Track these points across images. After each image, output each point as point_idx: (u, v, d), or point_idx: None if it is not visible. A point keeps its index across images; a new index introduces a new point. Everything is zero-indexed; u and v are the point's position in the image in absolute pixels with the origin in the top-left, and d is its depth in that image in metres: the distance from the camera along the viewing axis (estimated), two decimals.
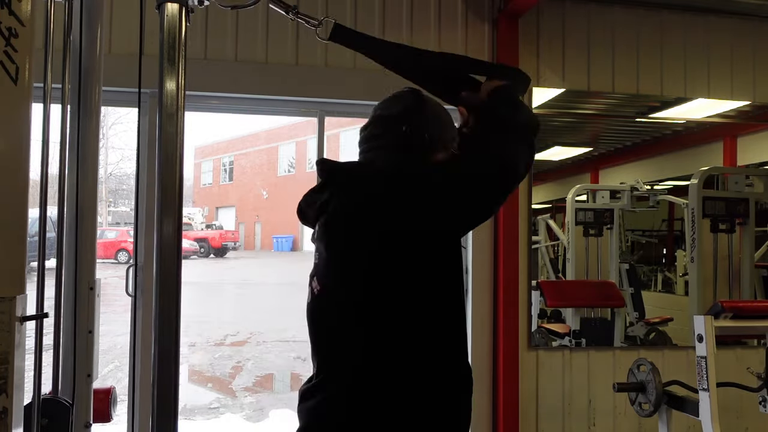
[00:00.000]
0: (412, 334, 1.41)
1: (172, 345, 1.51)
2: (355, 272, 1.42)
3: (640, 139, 4.54)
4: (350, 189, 1.47)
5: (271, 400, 6.37)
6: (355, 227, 1.42)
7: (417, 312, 1.41)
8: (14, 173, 1.39)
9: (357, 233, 1.41)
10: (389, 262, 1.39)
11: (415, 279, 1.40)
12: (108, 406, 2.26)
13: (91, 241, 2.33)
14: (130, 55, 3.49)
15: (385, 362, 1.40)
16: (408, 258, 1.39)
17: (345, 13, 3.91)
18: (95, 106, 2.33)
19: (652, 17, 4.34)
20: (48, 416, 1.89)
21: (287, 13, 1.72)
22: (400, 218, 1.38)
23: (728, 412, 4.12)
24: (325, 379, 1.47)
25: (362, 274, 1.41)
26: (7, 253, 1.37)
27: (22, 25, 1.38)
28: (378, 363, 1.40)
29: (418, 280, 1.41)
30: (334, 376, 1.45)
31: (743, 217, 4.52)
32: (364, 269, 1.41)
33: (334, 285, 1.47)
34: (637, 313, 4.45)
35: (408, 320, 1.41)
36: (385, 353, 1.40)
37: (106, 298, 3.01)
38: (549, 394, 4.06)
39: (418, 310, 1.41)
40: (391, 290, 1.40)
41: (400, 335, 1.41)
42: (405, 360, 1.40)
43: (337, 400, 1.42)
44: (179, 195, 1.55)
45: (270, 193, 34.80)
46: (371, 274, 1.40)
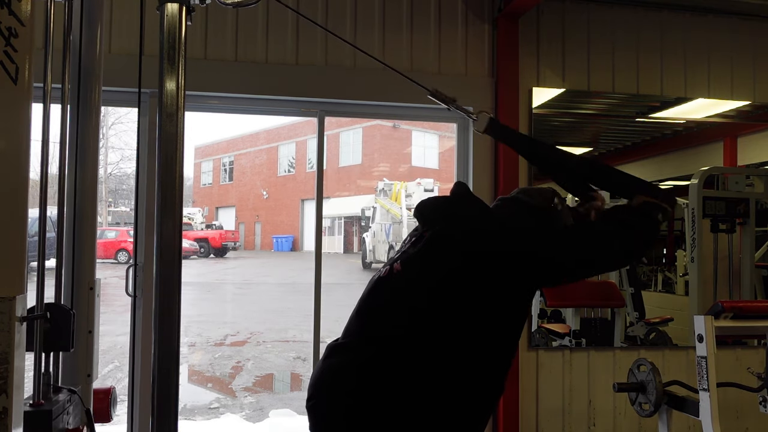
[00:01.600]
0: (454, 338, 1.56)
1: (172, 345, 1.51)
2: (427, 278, 1.60)
3: (640, 139, 4.54)
4: (455, 225, 1.66)
5: (271, 400, 6.37)
6: (452, 245, 1.61)
7: (466, 321, 1.57)
8: (14, 173, 1.39)
9: (451, 251, 1.61)
10: (449, 285, 1.57)
11: (480, 294, 1.57)
12: (108, 406, 2.26)
13: (91, 241, 2.33)
14: (130, 55, 3.49)
15: (416, 352, 1.54)
16: (480, 274, 1.57)
17: (345, 12, 3.91)
18: (95, 106, 2.33)
19: (652, 17, 4.34)
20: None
21: (447, 105, 1.90)
22: (482, 241, 1.59)
23: (728, 412, 4.12)
24: (360, 342, 1.62)
25: (440, 278, 1.58)
26: (7, 253, 1.37)
27: (22, 25, 1.38)
28: (412, 349, 1.54)
29: (481, 296, 1.57)
30: (371, 341, 1.59)
31: (743, 217, 4.51)
32: (444, 275, 1.58)
33: (411, 275, 1.62)
34: (637, 313, 4.44)
35: (454, 322, 1.56)
36: (424, 347, 1.54)
37: (106, 298, 3.01)
38: (549, 394, 4.06)
39: (468, 320, 1.57)
40: (456, 298, 1.56)
41: (443, 333, 1.55)
42: (435, 356, 1.54)
43: (372, 362, 1.56)
44: (179, 195, 1.55)
45: (270, 193, 34.80)
46: (447, 280, 1.57)
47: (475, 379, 1.57)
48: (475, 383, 1.57)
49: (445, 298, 1.56)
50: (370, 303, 1.68)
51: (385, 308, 1.63)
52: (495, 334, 1.60)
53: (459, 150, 4.17)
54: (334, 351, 1.67)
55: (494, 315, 1.59)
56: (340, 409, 1.57)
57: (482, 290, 1.56)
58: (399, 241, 18.64)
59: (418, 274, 1.61)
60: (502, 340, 1.62)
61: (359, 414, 1.53)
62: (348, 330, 1.69)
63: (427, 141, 30.61)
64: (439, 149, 30.56)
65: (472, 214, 1.67)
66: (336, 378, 1.60)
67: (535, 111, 4.13)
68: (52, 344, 1.99)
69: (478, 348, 1.57)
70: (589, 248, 1.63)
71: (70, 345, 2.02)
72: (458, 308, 1.56)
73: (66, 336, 2.01)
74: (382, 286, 1.67)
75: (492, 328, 1.59)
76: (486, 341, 1.58)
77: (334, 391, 1.59)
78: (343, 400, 1.56)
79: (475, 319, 1.57)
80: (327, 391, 1.61)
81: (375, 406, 1.52)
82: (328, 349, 1.70)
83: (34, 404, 1.86)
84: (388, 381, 1.53)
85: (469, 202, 1.74)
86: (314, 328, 3.88)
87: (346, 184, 30.70)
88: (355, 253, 27.63)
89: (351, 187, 30.45)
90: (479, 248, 1.57)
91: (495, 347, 1.61)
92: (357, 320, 1.68)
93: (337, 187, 30.42)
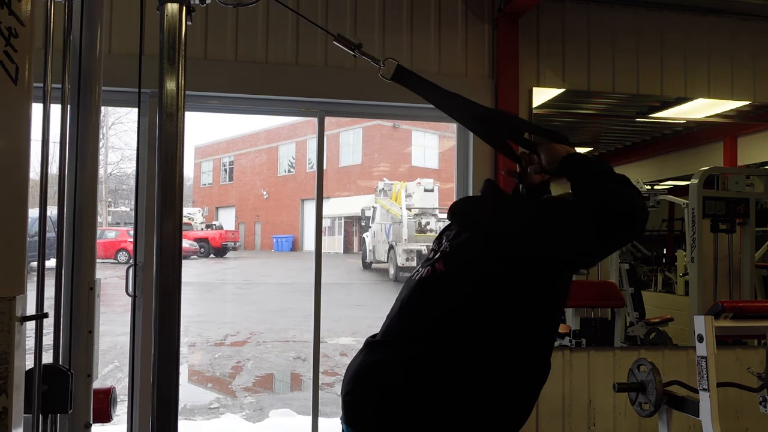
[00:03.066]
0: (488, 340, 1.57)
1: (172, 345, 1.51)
2: (472, 276, 1.61)
3: (640, 139, 4.54)
4: (495, 222, 1.67)
5: (271, 400, 6.37)
6: (487, 248, 1.62)
7: (499, 322, 1.58)
8: (14, 173, 1.39)
9: (487, 253, 1.61)
10: (495, 282, 1.58)
11: (516, 293, 1.59)
12: (108, 406, 2.26)
13: (91, 241, 2.33)
14: (130, 55, 3.49)
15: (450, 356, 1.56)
16: (512, 279, 1.58)
17: (345, 12, 3.91)
18: (95, 106, 2.33)
19: (652, 17, 4.34)
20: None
21: (352, 50, 1.87)
22: (511, 251, 1.59)
23: (728, 412, 4.12)
24: (402, 340, 1.63)
25: (475, 281, 1.60)
26: (7, 253, 1.37)
27: (22, 25, 1.38)
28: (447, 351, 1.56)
29: (518, 295, 1.59)
30: (414, 340, 1.60)
31: (743, 217, 4.51)
32: (478, 278, 1.60)
33: (455, 273, 1.63)
34: (638, 313, 4.44)
35: (489, 323, 1.58)
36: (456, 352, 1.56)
37: (106, 298, 3.01)
38: (549, 394, 4.05)
39: (500, 320, 1.58)
40: (493, 298, 1.58)
41: (476, 335, 1.57)
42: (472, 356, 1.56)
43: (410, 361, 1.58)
44: (179, 195, 1.55)
45: (270, 193, 34.80)
46: (484, 281, 1.59)
47: (511, 379, 1.59)
48: (511, 383, 1.59)
49: (482, 297, 1.58)
50: (411, 303, 1.68)
51: (428, 306, 1.65)
52: (531, 333, 1.62)
53: (459, 150, 4.17)
54: (373, 348, 1.68)
55: (530, 313, 1.60)
56: (375, 403, 1.58)
57: (518, 289, 1.58)
58: (399, 241, 18.63)
59: (458, 272, 1.63)
60: (538, 338, 1.64)
61: (394, 410, 1.54)
62: (389, 329, 1.70)
63: (427, 141, 30.61)
64: (439, 149, 30.56)
65: (502, 215, 1.68)
66: (374, 374, 1.62)
67: (535, 111, 4.12)
68: (50, 406, 1.98)
69: (514, 348, 1.59)
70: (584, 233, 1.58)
71: (68, 406, 2.01)
72: (495, 308, 1.57)
73: (64, 397, 2.00)
74: (425, 286, 1.68)
75: (528, 328, 1.61)
76: (521, 340, 1.60)
77: (370, 386, 1.61)
78: (382, 396, 1.57)
79: (512, 318, 1.58)
80: (363, 385, 1.62)
81: (409, 402, 1.53)
82: (366, 346, 1.71)
83: None
84: (426, 378, 1.54)
85: (499, 201, 1.76)
86: (314, 328, 3.88)
87: (346, 184, 30.70)
88: (355, 253, 27.63)
89: (351, 187, 30.45)
90: (510, 253, 1.58)
91: (530, 347, 1.62)
92: (397, 320, 1.69)
93: (337, 187, 30.42)
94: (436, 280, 1.66)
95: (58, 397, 1.98)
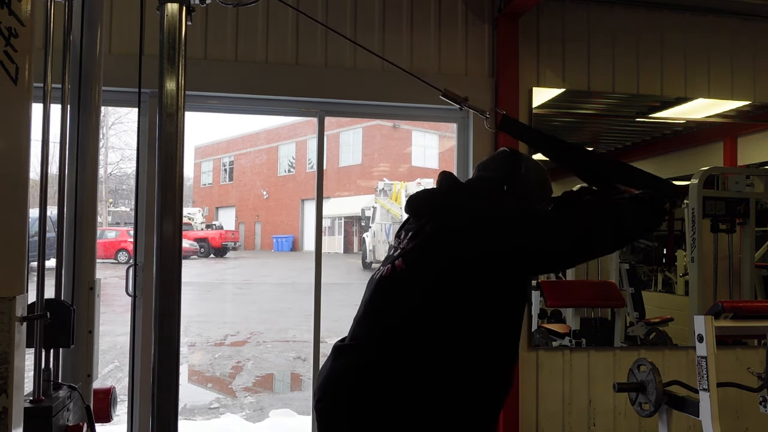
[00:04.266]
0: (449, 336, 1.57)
1: (172, 345, 1.51)
2: (431, 273, 1.60)
3: (640, 139, 4.54)
4: (451, 216, 1.65)
5: (271, 400, 6.37)
6: (449, 243, 1.61)
7: (459, 317, 1.57)
8: (14, 173, 1.39)
9: (449, 248, 1.60)
10: (453, 278, 1.58)
11: (478, 288, 1.58)
12: (108, 406, 2.26)
13: (91, 241, 2.33)
14: (130, 55, 3.49)
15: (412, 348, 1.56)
16: (467, 276, 1.58)
17: (345, 12, 3.91)
18: (95, 106, 2.33)
19: (652, 17, 4.34)
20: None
21: (459, 104, 1.90)
22: (465, 247, 1.58)
23: (728, 412, 4.12)
24: (369, 342, 1.63)
25: (434, 277, 1.59)
26: (7, 253, 1.37)
27: (22, 25, 1.38)
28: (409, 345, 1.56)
29: (479, 290, 1.59)
30: (379, 341, 1.60)
31: (743, 217, 4.51)
32: (437, 273, 1.59)
33: (414, 271, 1.62)
34: (638, 313, 4.44)
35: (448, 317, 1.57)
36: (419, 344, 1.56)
37: (106, 298, 3.01)
38: (549, 394, 4.06)
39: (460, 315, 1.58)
40: (455, 293, 1.58)
41: (438, 331, 1.56)
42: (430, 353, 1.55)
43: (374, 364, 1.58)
44: (179, 195, 1.55)
45: (270, 193, 34.80)
46: (445, 275, 1.58)
47: (480, 373, 1.57)
48: (480, 378, 1.58)
49: (443, 292, 1.57)
50: (375, 303, 1.67)
51: (391, 306, 1.63)
52: (495, 326, 1.60)
53: (459, 150, 4.17)
54: (341, 352, 1.67)
55: (493, 307, 1.59)
56: (346, 409, 1.57)
57: (480, 284, 1.57)
58: None
59: (418, 268, 1.61)
60: (503, 331, 1.63)
61: (366, 415, 1.54)
62: (354, 332, 1.68)
63: (427, 141, 30.61)
64: (439, 149, 30.56)
65: (461, 206, 1.67)
66: (344, 379, 1.60)
67: (535, 111, 4.12)
68: (52, 341, 1.99)
69: (479, 341, 1.58)
70: (576, 233, 1.60)
71: (70, 341, 2.02)
72: (457, 303, 1.56)
73: (66, 332, 2.01)
74: (386, 285, 1.67)
75: (492, 321, 1.59)
76: (487, 334, 1.59)
77: (340, 392, 1.59)
78: (349, 400, 1.57)
79: (475, 312, 1.57)
80: (334, 392, 1.61)
81: (381, 406, 1.53)
82: (334, 351, 1.69)
83: (35, 401, 1.86)
84: (396, 380, 1.53)
85: (457, 193, 1.74)
86: (314, 328, 3.88)
87: (346, 184, 30.70)
88: (355, 253, 27.63)
89: (351, 187, 30.45)
90: (473, 246, 1.57)
91: (497, 339, 1.61)
92: (363, 322, 1.67)
93: (337, 187, 30.42)
94: (395, 279, 1.64)
95: (60, 331, 1.99)
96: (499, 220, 1.59)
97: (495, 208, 1.66)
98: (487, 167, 1.81)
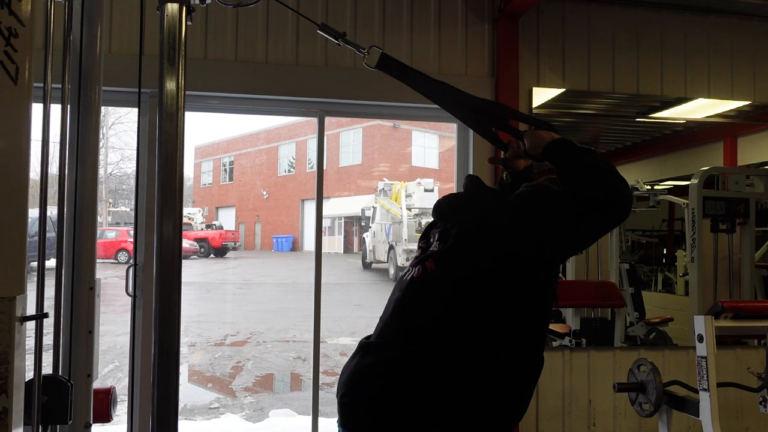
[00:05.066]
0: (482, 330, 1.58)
1: (172, 345, 1.51)
2: (462, 273, 1.61)
3: (640, 139, 4.54)
4: (482, 219, 1.65)
5: (271, 400, 6.37)
6: (476, 244, 1.62)
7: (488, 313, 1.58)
8: (14, 173, 1.39)
9: (476, 250, 1.62)
10: (483, 278, 1.59)
11: (506, 290, 1.59)
12: (108, 406, 2.26)
13: (91, 241, 2.32)
14: (130, 55, 3.49)
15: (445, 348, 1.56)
16: (498, 274, 1.59)
17: (345, 12, 3.91)
18: (95, 105, 2.33)
19: (652, 17, 4.34)
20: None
21: (336, 40, 1.88)
22: (495, 246, 1.60)
23: (728, 412, 4.13)
24: (399, 340, 1.63)
25: (465, 277, 1.60)
26: (7, 253, 1.37)
27: (22, 25, 1.38)
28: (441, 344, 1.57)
29: (507, 291, 1.60)
30: (410, 340, 1.61)
31: (743, 217, 4.51)
32: (468, 274, 1.60)
33: (446, 271, 1.63)
34: (638, 313, 4.44)
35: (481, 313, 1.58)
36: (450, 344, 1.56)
37: (106, 298, 3.01)
38: (549, 394, 4.06)
39: (489, 313, 1.59)
40: (482, 297, 1.59)
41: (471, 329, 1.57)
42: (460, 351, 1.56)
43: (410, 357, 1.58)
44: (179, 195, 1.55)
45: (270, 193, 34.80)
46: (471, 280, 1.60)
47: (505, 374, 1.58)
48: (505, 378, 1.58)
49: (474, 292, 1.58)
50: (405, 302, 1.68)
51: (422, 306, 1.65)
52: (523, 326, 1.62)
53: (459, 150, 4.17)
54: (368, 350, 1.68)
55: (523, 308, 1.61)
56: (368, 404, 1.58)
57: (510, 284, 1.58)
58: (399, 241, 18.61)
59: (449, 268, 1.63)
60: (530, 332, 1.64)
61: (390, 410, 1.54)
62: (382, 330, 1.69)
63: (427, 141, 30.61)
64: (439, 149, 30.56)
65: (488, 210, 1.68)
66: (370, 376, 1.61)
67: (535, 111, 4.13)
68: (50, 417, 1.98)
69: (507, 342, 1.59)
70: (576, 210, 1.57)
71: (68, 417, 2.01)
72: (488, 302, 1.58)
73: (64, 408, 1.99)
74: (416, 285, 1.68)
75: (520, 321, 1.61)
76: (515, 335, 1.60)
77: (366, 388, 1.60)
78: (374, 396, 1.58)
79: (504, 313, 1.59)
80: (359, 387, 1.62)
81: (405, 402, 1.53)
82: (360, 348, 1.70)
83: None
84: (422, 377, 1.54)
85: (484, 196, 1.76)
86: (314, 328, 3.88)
87: (346, 184, 30.70)
88: (355, 253, 27.63)
89: (351, 187, 30.44)
90: (502, 248, 1.58)
91: (523, 340, 1.62)
92: (391, 320, 1.68)
93: (337, 187, 30.42)
94: (427, 279, 1.65)
95: (57, 407, 1.98)
96: (526, 221, 1.59)
97: (522, 209, 1.64)
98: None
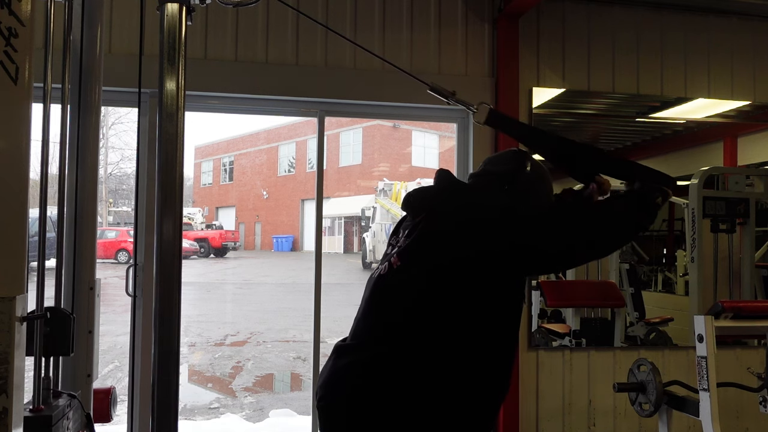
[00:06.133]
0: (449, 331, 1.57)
1: (172, 345, 1.51)
2: (425, 270, 1.60)
3: (640, 139, 4.54)
4: (445, 215, 1.66)
5: (271, 400, 6.37)
6: (444, 241, 1.61)
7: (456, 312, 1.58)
8: (14, 173, 1.39)
9: (444, 246, 1.60)
10: (447, 276, 1.58)
11: (474, 287, 1.58)
12: (108, 406, 2.26)
13: (91, 241, 2.33)
14: (130, 55, 3.49)
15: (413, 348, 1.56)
16: (461, 274, 1.58)
17: (345, 12, 3.91)
18: (95, 105, 2.33)
19: (652, 17, 4.34)
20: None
21: (447, 99, 1.89)
22: (464, 245, 1.58)
23: (728, 412, 4.12)
24: (369, 341, 1.63)
25: (428, 275, 1.60)
26: (7, 253, 1.37)
27: (22, 25, 1.38)
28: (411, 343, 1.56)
29: (475, 289, 1.59)
30: (380, 340, 1.60)
31: (743, 217, 4.51)
32: (431, 271, 1.59)
33: (410, 268, 1.63)
34: (638, 313, 4.44)
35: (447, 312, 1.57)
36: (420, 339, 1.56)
37: (106, 298, 3.01)
38: (549, 394, 4.06)
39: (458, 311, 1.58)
40: (450, 291, 1.58)
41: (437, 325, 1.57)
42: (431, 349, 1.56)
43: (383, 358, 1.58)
44: (179, 195, 1.55)
45: (270, 193, 34.79)
46: (434, 277, 1.59)
47: (477, 371, 1.58)
48: (478, 375, 1.58)
49: (438, 289, 1.57)
50: (374, 301, 1.68)
51: (390, 304, 1.64)
52: (492, 324, 1.60)
53: (459, 150, 4.17)
54: (343, 352, 1.67)
55: (489, 306, 1.59)
56: (347, 406, 1.58)
57: (474, 282, 1.57)
58: None
59: (414, 265, 1.62)
60: (500, 329, 1.62)
61: (366, 411, 1.54)
62: (355, 331, 1.69)
63: (427, 141, 30.61)
64: (439, 149, 30.56)
65: (459, 204, 1.67)
66: (345, 377, 1.61)
67: (535, 111, 4.13)
68: (51, 348, 1.99)
69: (476, 339, 1.58)
70: (573, 232, 1.61)
71: (70, 349, 2.02)
72: (452, 300, 1.56)
73: (66, 340, 2.00)
74: (383, 283, 1.67)
75: (488, 319, 1.60)
76: (484, 332, 1.59)
77: (342, 390, 1.60)
78: (351, 398, 1.57)
79: (470, 310, 1.57)
80: (336, 390, 1.61)
81: (381, 403, 1.53)
82: (336, 350, 1.70)
83: (34, 409, 1.85)
84: (396, 377, 1.54)
85: (453, 192, 1.74)
86: (314, 328, 3.88)
87: (346, 184, 30.70)
88: (355, 253, 27.63)
89: (351, 187, 30.44)
90: (469, 244, 1.57)
91: (494, 337, 1.61)
92: (363, 320, 1.68)
93: (337, 187, 30.42)
94: (393, 276, 1.65)
95: (59, 339, 1.98)
96: (491, 220, 1.59)
97: (490, 207, 1.66)
98: (494, 162, 1.82)
